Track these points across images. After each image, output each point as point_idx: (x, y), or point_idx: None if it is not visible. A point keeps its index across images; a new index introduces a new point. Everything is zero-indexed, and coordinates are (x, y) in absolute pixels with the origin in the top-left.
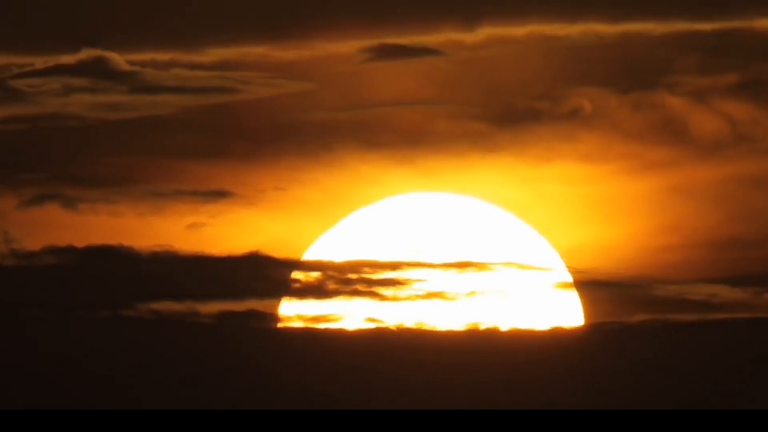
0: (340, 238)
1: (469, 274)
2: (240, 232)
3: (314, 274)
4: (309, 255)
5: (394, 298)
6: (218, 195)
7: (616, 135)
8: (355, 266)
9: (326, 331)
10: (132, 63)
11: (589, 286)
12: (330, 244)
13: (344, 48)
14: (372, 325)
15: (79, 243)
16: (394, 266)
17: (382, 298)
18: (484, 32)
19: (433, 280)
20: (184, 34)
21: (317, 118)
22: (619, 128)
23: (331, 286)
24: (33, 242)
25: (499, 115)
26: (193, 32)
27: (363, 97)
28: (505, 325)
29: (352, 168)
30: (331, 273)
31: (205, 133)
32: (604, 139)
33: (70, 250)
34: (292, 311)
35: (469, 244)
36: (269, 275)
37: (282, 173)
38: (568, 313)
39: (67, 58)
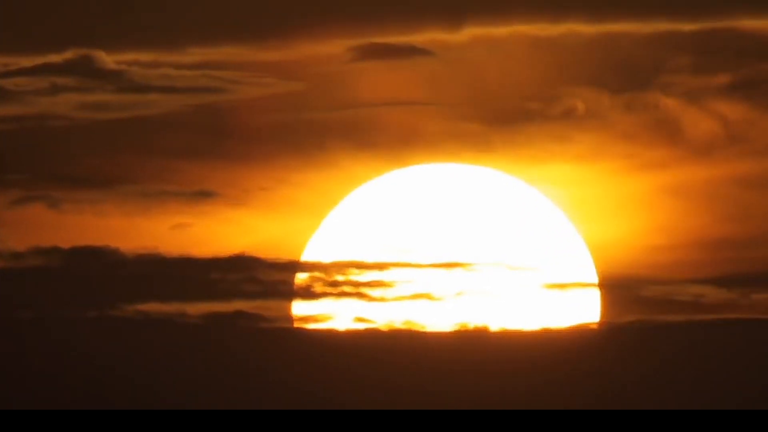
0: (328, 237)
1: (457, 275)
2: (228, 233)
3: (302, 275)
4: (299, 256)
5: (382, 299)
6: (206, 195)
7: (609, 135)
8: (343, 267)
9: (315, 331)
10: (117, 63)
11: (580, 286)
12: (318, 244)
13: (331, 47)
14: (361, 325)
15: (65, 244)
16: (381, 266)
17: (370, 298)
18: (469, 32)
19: (421, 280)
20: (166, 34)
21: (307, 117)
22: (613, 128)
23: (319, 287)
24: (19, 243)
25: (491, 115)
26: (174, 32)
27: (353, 97)
28: (494, 326)
29: (343, 168)
30: (318, 274)
31: (193, 133)
32: (597, 139)
33: (56, 251)
34: (281, 312)
35: (457, 244)
36: (257, 277)
37: (271, 173)
38: (558, 313)
39: (54, 57)
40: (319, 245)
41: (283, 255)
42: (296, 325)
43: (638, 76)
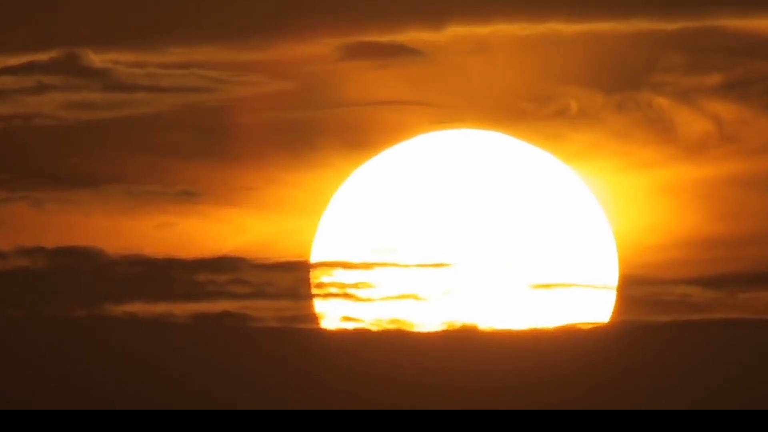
0: (317, 237)
1: (444, 274)
2: (216, 233)
3: (289, 276)
4: (290, 256)
5: (369, 299)
6: (193, 195)
7: (602, 134)
8: (329, 267)
9: (304, 330)
10: (104, 62)
11: (569, 286)
12: (308, 244)
13: (317, 47)
14: (349, 325)
15: (49, 244)
16: (368, 266)
17: (357, 299)
18: (451, 32)
19: (409, 280)
20: (154, 32)
21: (296, 116)
22: (606, 127)
23: (305, 287)
24: (3, 243)
25: (483, 115)
26: (163, 31)
27: (343, 96)
28: (482, 325)
29: (334, 167)
30: (304, 274)
31: (180, 133)
32: (590, 138)
33: (39, 251)
34: (269, 312)
35: (445, 242)
36: (244, 278)
37: (260, 173)
38: (547, 313)
39: (40, 56)
40: (308, 245)
41: (274, 255)
42: (285, 325)
43: (631, 76)
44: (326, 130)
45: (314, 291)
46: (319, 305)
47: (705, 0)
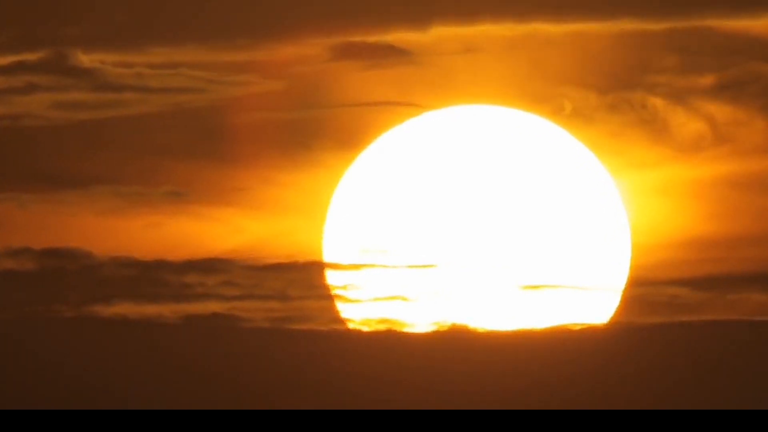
0: (308, 238)
1: (433, 275)
2: (205, 234)
3: (279, 277)
4: (281, 257)
5: (358, 300)
6: (182, 196)
7: (596, 135)
8: (320, 268)
9: (294, 330)
10: (93, 62)
11: (559, 287)
12: (299, 245)
13: (305, 47)
14: (340, 326)
15: (36, 245)
16: (357, 267)
17: (347, 300)
18: (436, 32)
19: (397, 281)
20: (135, 34)
21: (288, 117)
22: (600, 128)
23: (295, 288)
24: None
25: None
26: (144, 32)
27: (333, 97)
28: (472, 326)
29: (328, 167)
30: (294, 275)
31: (171, 133)
32: (584, 138)
33: (27, 252)
34: (258, 313)
35: (436, 243)
36: (234, 280)
37: (251, 173)
38: (537, 314)
39: (29, 56)
40: (299, 246)
41: (264, 257)
42: (275, 325)
43: (624, 77)
44: (316, 130)
45: (304, 292)
46: (310, 306)
47: (693, 0)
